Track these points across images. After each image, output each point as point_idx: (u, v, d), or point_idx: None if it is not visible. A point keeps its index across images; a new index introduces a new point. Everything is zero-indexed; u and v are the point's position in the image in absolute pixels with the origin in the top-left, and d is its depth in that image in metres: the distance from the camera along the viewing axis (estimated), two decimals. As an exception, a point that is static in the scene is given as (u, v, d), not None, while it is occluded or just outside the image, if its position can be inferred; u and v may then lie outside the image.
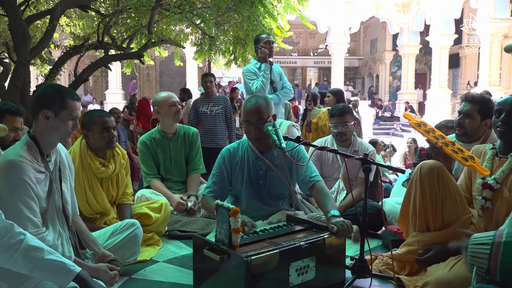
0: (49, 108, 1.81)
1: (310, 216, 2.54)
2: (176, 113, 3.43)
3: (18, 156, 1.73)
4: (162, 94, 3.58)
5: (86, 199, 2.61)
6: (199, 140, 3.59)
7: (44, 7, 5.68)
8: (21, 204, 1.69)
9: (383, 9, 15.83)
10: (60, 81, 16.96)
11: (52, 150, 1.90)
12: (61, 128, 1.83)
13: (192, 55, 6.52)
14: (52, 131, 1.83)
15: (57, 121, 1.82)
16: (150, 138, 3.46)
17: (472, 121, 2.52)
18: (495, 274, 1.49)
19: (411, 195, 2.26)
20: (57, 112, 1.81)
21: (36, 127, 1.84)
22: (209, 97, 5.04)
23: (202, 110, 4.96)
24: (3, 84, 4.73)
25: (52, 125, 1.82)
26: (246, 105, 2.43)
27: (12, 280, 1.65)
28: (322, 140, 3.39)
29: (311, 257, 1.95)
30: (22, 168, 1.71)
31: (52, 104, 1.81)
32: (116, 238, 2.26)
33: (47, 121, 1.81)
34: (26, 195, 1.71)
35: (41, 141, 1.83)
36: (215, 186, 2.51)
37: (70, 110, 1.83)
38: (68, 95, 1.84)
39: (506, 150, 2.09)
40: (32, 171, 1.75)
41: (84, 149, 2.63)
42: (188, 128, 3.59)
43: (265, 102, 2.41)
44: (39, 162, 1.81)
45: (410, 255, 2.22)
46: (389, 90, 20.59)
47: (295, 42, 22.12)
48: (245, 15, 4.71)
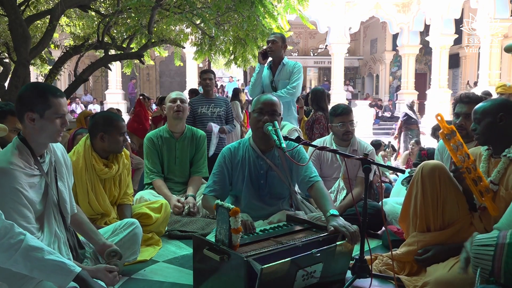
0: (32, 110, 1.73)
1: (310, 216, 2.54)
2: (176, 112, 3.42)
3: (7, 163, 1.67)
4: (172, 93, 3.62)
5: (88, 200, 2.60)
6: (205, 143, 3.60)
7: (44, 7, 5.68)
8: (14, 212, 1.65)
9: (383, 9, 15.82)
10: (60, 81, 17.00)
11: (44, 150, 1.84)
12: (49, 128, 1.76)
13: (192, 55, 6.52)
14: (40, 132, 1.76)
15: (43, 121, 1.74)
16: (157, 135, 3.48)
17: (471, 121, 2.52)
18: (499, 275, 1.49)
19: (412, 195, 2.26)
20: (42, 113, 1.73)
21: (25, 130, 1.78)
22: (209, 97, 4.62)
23: (202, 111, 4.51)
24: (3, 84, 4.74)
25: (39, 127, 1.74)
26: (260, 97, 2.49)
27: (12, 280, 1.65)
28: (321, 140, 3.39)
29: (319, 264, 1.92)
30: (12, 176, 1.66)
31: (34, 105, 1.73)
32: (116, 237, 2.25)
33: (33, 123, 1.74)
34: (19, 202, 1.67)
35: (31, 143, 1.77)
36: (215, 185, 2.51)
37: (54, 108, 1.75)
38: (50, 93, 1.76)
39: (496, 151, 2.11)
40: (24, 178, 1.70)
41: (89, 150, 2.62)
42: (196, 131, 3.60)
43: (278, 100, 2.48)
44: (32, 165, 1.76)
45: (410, 255, 2.22)
46: (389, 90, 20.59)
47: (295, 42, 22.11)
48: (245, 15, 4.71)
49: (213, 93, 4.71)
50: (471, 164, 2.08)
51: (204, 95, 4.66)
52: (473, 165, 2.09)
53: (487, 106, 2.11)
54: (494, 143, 2.11)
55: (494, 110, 2.07)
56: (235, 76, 19.64)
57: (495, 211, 2.03)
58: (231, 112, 4.77)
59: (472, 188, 2.08)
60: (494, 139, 2.09)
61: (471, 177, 2.07)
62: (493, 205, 2.05)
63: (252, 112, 2.47)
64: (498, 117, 2.05)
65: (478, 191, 2.06)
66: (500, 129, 2.05)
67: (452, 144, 2.13)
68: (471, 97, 2.61)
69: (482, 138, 2.12)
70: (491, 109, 2.08)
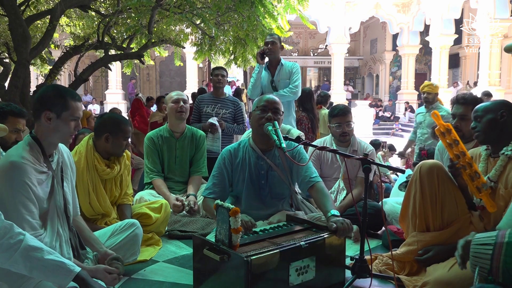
0: (50, 109, 1.81)
1: (310, 216, 2.54)
2: (178, 111, 3.42)
3: (20, 158, 1.73)
4: (172, 92, 3.62)
5: (89, 201, 2.60)
6: (205, 143, 3.60)
7: (44, 7, 5.68)
8: (20, 206, 1.70)
9: (383, 9, 15.83)
10: (60, 81, 16.97)
11: (54, 150, 1.90)
12: (63, 129, 1.84)
13: (192, 55, 6.53)
14: (54, 132, 1.83)
15: (59, 122, 1.82)
16: (157, 135, 3.48)
17: (468, 122, 2.51)
18: (497, 274, 1.49)
19: (410, 195, 2.27)
20: (59, 113, 1.82)
21: (38, 128, 1.84)
22: (218, 96, 4.31)
23: (206, 111, 4.25)
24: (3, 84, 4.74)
25: (54, 126, 1.82)
26: (263, 96, 2.51)
27: (12, 280, 1.65)
28: (321, 140, 3.39)
29: (311, 257, 1.95)
30: (23, 170, 1.71)
31: (53, 105, 1.81)
32: (116, 238, 2.26)
33: (49, 122, 1.81)
34: (26, 197, 1.71)
35: (43, 141, 1.84)
36: (215, 187, 2.50)
37: (72, 111, 1.84)
38: (70, 96, 1.85)
39: (495, 150, 2.12)
40: (34, 173, 1.75)
41: (91, 150, 2.62)
42: (196, 131, 3.60)
43: (279, 100, 2.51)
44: (41, 163, 1.81)
45: (409, 255, 2.22)
46: (389, 90, 20.60)
47: (295, 42, 22.12)
48: (245, 15, 4.71)
49: (223, 92, 4.38)
50: (467, 161, 2.10)
51: (214, 93, 4.37)
52: (470, 162, 2.11)
53: (488, 104, 2.15)
54: (494, 141, 2.12)
55: (495, 107, 2.10)
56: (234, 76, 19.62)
57: (493, 208, 2.04)
58: (241, 114, 4.38)
59: (469, 183, 2.10)
60: (494, 137, 2.10)
61: (467, 173, 2.10)
62: (490, 201, 2.06)
63: (254, 110, 2.48)
64: (499, 113, 2.07)
65: (475, 187, 2.08)
66: (501, 126, 2.07)
67: (448, 141, 2.16)
68: (466, 98, 2.61)
69: (482, 136, 2.12)
70: (492, 106, 2.11)
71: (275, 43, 3.92)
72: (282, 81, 3.98)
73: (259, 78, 3.95)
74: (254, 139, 2.53)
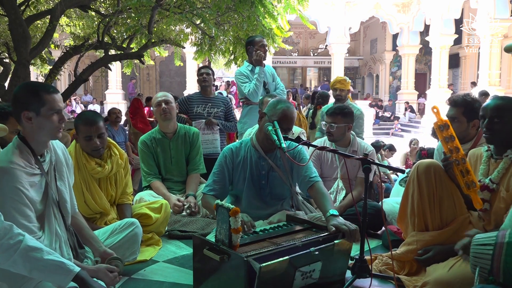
0: (27, 109, 1.74)
1: (310, 217, 2.54)
2: (162, 113, 3.39)
3: (8, 163, 1.68)
4: (158, 93, 3.62)
5: (84, 200, 2.60)
6: (199, 140, 3.58)
7: (44, 7, 5.68)
8: (15, 211, 1.66)
9: (383, 9, 15.83)
10: (60, 81, 17.02)
11: (45, 149, 1.85)
12: (47, 125, 1.77)
13: (192, 55, 6.52)
14: (38, 131, 1.77)
15: (41, 119, 1.75)
16: (150, 137, 3.46)
17: (459, 124, 2.51)
18: (498, 274, 1.49)
19: (409, 194, 2.27)
20: (37, 111, 1.74)
21: (23, 129, 1.79)
22: (207, 95, 4.26)
23: (197, 111, 4.18)
24: (3, 84, 4.74)
25: (37, 125, 1.75)
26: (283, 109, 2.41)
27: (12, 281, 1.65)
28: (321, 140, 3.39)
29: (319, 262, 1.93)
30: (13, 175, 1.67)
31: (29, 104, 1.74)
32: (115, 237, 2.26)
33: (30, 122, 1.75)
34: (19, 202, 1.68)
35: (31, 142, 1.79)
36: (215, 185, 2.51)
37: (49, 105, 1.76)
38: (43, 90, 1.77)
39: (499, 151, 2.11)
40: (25, 177, 1.71)
41: (79, 150, 2.62)
42: (189, 128, 3.59)
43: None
44: (32, 165, 1.76)
45: (409, 254, 2.23)
46: (389, 90, 20.60)
47: (295, 42, 22.13)
48: (245, 15, 4.71)
49: (211, 91, 4.34)
50: (460, 157, 2.12)
51: (202, 92, 4.31)
52: (463, 158, 2.12)
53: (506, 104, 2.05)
54: (501, 143, 2.08)
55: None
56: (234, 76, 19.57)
57: (479, 205, 2.06)
58: (231, 111, 4.41)
59: (459, 178, 2.11)
60: (507, 139, 2.05)
61: (459, 168, 2.11)
62: (477, 198, 2.07)
63: (270, 116, 2.38)
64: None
65: (465, 182, 2.09)
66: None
67: (445, 135, 2.17)
68: (456, 100, 2.61)
69: (498, 136, 2.04)
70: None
71: (266, 46, 4.05)
72: (270, 84, 4.07)
73: (263, 80, 3.96)
74: (258, 138, 2.53)
